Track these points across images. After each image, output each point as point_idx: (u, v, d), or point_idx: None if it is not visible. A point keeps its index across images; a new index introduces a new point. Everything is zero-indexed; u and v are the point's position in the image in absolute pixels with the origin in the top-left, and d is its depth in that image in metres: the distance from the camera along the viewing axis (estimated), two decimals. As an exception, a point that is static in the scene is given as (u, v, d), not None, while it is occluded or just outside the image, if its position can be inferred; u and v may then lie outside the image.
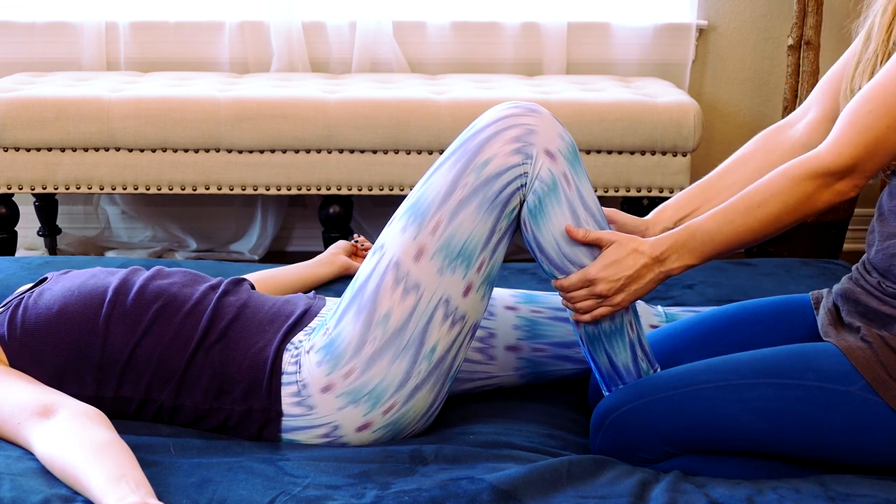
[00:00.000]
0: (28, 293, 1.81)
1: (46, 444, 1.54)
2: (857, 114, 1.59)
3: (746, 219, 1.64)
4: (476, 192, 1.66)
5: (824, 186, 1.61)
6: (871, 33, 1.71)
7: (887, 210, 1.68)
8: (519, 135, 1.66)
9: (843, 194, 1.61)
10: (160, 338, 1.73)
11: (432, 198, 1.68)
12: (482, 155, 1.66)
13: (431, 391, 1.72)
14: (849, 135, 1.59)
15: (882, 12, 1.69)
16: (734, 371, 1.65)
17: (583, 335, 1.74)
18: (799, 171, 1.61)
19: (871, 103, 1.58)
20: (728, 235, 1.65)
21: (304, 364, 1.71)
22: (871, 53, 1.69)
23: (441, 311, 1.68)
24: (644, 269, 1.66)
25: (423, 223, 1.67)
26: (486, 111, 1.72)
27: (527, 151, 1.66)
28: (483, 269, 1.70)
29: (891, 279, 1.65)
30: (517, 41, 3.92)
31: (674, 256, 1.66)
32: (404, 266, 1.67)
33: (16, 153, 3.31)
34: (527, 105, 1.70)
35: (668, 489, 1.55)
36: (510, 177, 1.66)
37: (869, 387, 1.59)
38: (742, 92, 4.00)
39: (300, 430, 1.71)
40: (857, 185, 1.61)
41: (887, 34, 1.67)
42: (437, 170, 1.70)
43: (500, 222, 1.68)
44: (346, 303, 1.71)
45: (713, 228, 1.65)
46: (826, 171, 1.60)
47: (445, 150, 1.72)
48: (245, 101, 3.32)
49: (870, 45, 1.71)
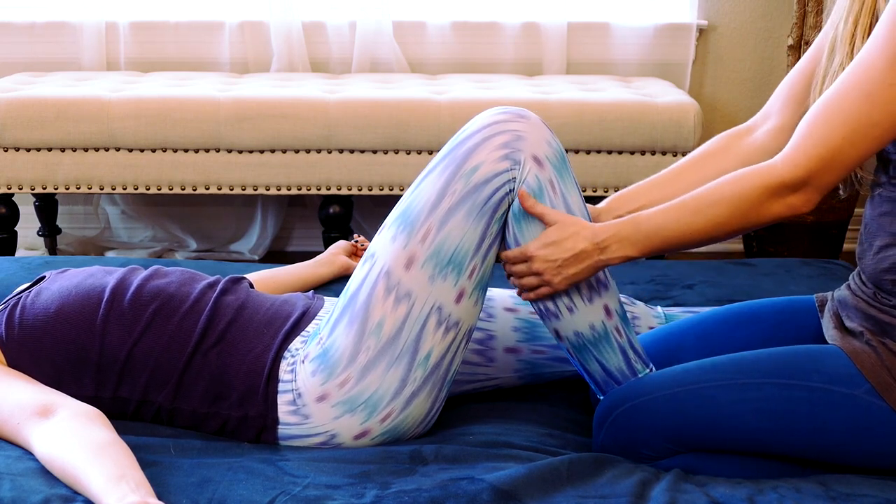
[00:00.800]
0: (26, 293, 1.81)
1: (46, 444, 1.54)
2: (813, 125, 1.56)
3: (695, 218, 1.62)
4: (465, 199, 1.66)
5: (777, 197, 1.58)
6: (836, 44, 1.69)
7: (871, 222, 1.68)
8: (507, 141, 1.66)
9: (795, 208, 1.58)
10: (158, 338, 1.73)
11: (422, 206, 1.68)
12: (470, 162, 1.66)
13: (428, 397, 1.72)
14: (804, 147, 1.56)
15: (843, 23, 1.67)
16: (739, 370, 1.65)
17: (569, 348, 1.73)
18: (753, 180, 1.59)
19: (827, 114, 1.55)
20: (673, 232, 1.63)
21: (300, 373, 1.70)
22: (837, 65, 1.67)
23: (434, 318, 1.68)
24: (582, 253, 1.64)
25: (412, 231, 1.67)
26: (475, 117, 1.71)
27: (515, 157, 1.66)
28: (475, 274, 1.70)
29: (885, 292, 1.64)
30: (517, 41, 3.92)
31: (615, 246, 1.64)
32: (395, 275, 1.67)
33: (16, 153, 3.31)
34: (515, 110, 1.70)
35: (669, 488, 1.55)
36: (499, 183, 1.66)
37: (874, 391, 1.59)
38: (742, 92, 4.00)
39: (297, 437, 1.71)
40: (810, 199, 1.58)
41: (850, 46, 1.65)
42: (426, 177, 1.70)
43: (491, 228, 1.68)
44: (338, 312, 1.71)
45: (659, 223, 1.63)
46: (780, 183, 1.57)
47: (434, 157, 1.71)
48: (245, 101, 3.32)
49: (835, 57, 1.68)
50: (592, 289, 1.70)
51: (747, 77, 3.99)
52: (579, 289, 1.69)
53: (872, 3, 1.63)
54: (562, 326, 1.71)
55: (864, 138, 1.53)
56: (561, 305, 1.69)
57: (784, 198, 1.58)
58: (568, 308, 1.70)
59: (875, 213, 1.67)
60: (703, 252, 4.05)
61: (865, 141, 1.54)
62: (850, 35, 1.65)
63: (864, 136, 1.53)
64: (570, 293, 1.69)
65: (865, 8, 1.64)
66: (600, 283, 1.70)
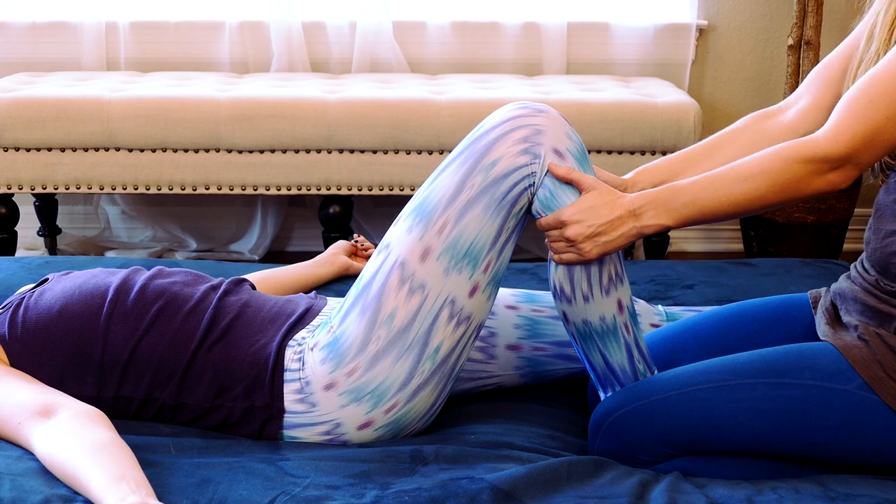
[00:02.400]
0: (29, 293, 1.81)
1: (47, 444, 1.54)
2: (856, 103, 1.58)
3: (732, 189, 1.61)
4: (483, 192, 1.66)
5: (817, 173, 1.59)
6: (874, 32, 1.70)
7: (885, 207, 1.68)
8: (527, 135, 1.66)
9: (834, 184, 1.59)
10: (161, 337, 1.74)
11: (439, 198, 1.68)
12: (490, 156, 1.66)
13: (434, 391, 1.72)
14: (847, 123, 1.57)
15: (885, 11, 1.68)
16: (732, 372, 1.65)
17: (574, 333, 1.73)
18: (794, 153, 1.59)
19: (871, 93, 1.57)
20: (709, 202, 1.62)
21: (308, 361, 1.71)
22: (874, 52, 1.69)
23: (447, 311, 1.68)
24: (618, 220, 1.63)
25: (429, 223, 1.67)
26: (495, 111, 1.71)
27: (535, 151, 1.65)
28: (490, 269, 1.70)
29: (889, 277, 1.65)
30: (517, 41, 3.92)
31: (651, 213, 1.63)
32: (410, 266, 1.67)
33: (16, 153, 3.31)
34: (534, 105, 1.70)
35: (668, 489, 1.55)
36: (518, 177, 1.66)
37: (866, 385, 1.59)
38: (742, 92, 4.00)
39: (302, 427, 1.72)
40: (849, 175, 1.59)
41: (889, 33, 1.67)
42: (444, 170, 1.70)
43: (508, 222, 1.68)
44: (350, 301, 1.71)
45: (696, 192, 1.63)
46: (821, 158, 1.58)
47: (452, 151, 1.71)
48: (245, 101, 3.32)
49: (872, 43, 1.70)
50: (612, 280, 1.69)
51: (747, 77, 3.99)
52: (600, 278, 1.68)
53: None
54: (572, 312, 1.71)
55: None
56: (578, 292, 1.69)
57: (824, 174, 1.59)
58: (584, 297, 1.69)
59: (889, 198, 1.67)
60: (703, 252, 4.05)
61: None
62: (891, 23, 1.66)
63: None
64: (591, 282, 1.68)
65: None
66: (618, 277, 1.70)
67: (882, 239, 1.67)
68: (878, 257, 1.67)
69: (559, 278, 1.69)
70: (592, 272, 1.68)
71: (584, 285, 1.68)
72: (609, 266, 1.69)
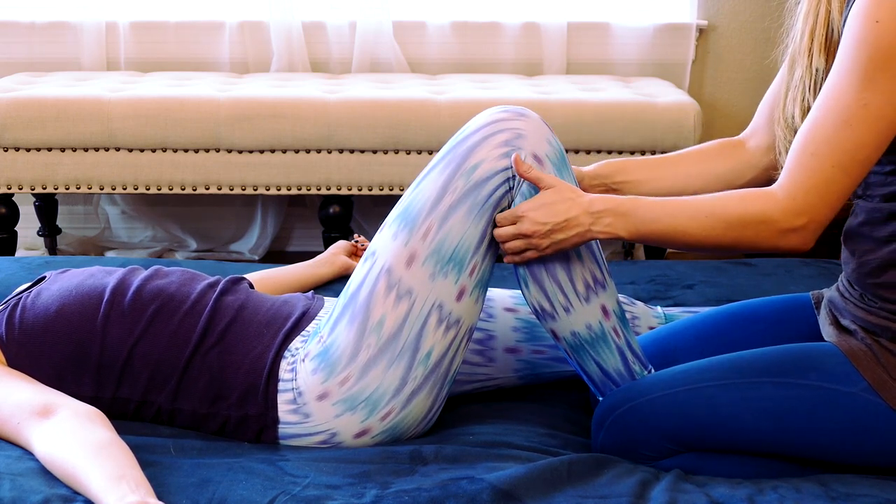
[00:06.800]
0: (26, 293, 1.81)
1: (46, 444, 1.54)
2: (802, 155, 1.56)
3: (690, 221, 1.60)
4: (465, 196, 1.66)
5: (776, 234, 1.58)
6: (795, 59, 1.70)
7: (854, 232, 1.69)
8: (508, 139, 1.66)
9: (794, 246, 1.58)
10: (158, 338, 1.73)
11: (422, 203, 1.68)
12: (471, 160, 1.66)
13: (429, 396, 1.72)
14: (800, 179, 1.56)
15: (800, 37, 1.68)
16: (736, 370, 1.65)
17: (566, 348, 1.73)
18: (755, 206, 1.58)
19: (812, 145, 1.55)
20: (666, 228, 1.61)
21: (300, 372, 1.70)
22: (798, 79, 1.68)
23: (435, 316, 1.68)
24: (573, 220, 1.62)
25: (413, 229, 1.67)
26: (476, 116, 1.72)
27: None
28: (476, 272, 1.70)
29: (872, 296, 1.65)
30: (517, 41, 3.92)
31: (608, 220, 1.62)
32: (396, 272, 1.67)
33: (16, 153, 3.31)
34: (516, 109, 1.70)
35: (669, 488, 1.55)
36: (499, 180, 1.66)
37: (871, 388, 1.59)
38: (742, 92, 4.00)
39: (297, 437, 1.71)
40: (807, 241, 1.58)
41: (808, 59, 1.66)
42: (427, 175, 1.70)
43: (491, 226, 1.68)
44: (339, 310, 1.71)
45: (657, 213, 1.62)
46: (780, 218, 1.56)
47: (435, 156, 1.71)
48: (245, 101, 3.32)
49: (795, 70, 1.69)
50: (589, 288, 1.69)
51: (747, 77, 3.99)
52: (574, 287, 1.68)
53: (826, 17, 1.64)
54: (558, 327, 1.71)
55: (853, 162, 1.54)
56: (557, 305, 1.69)
57: (784, 236, 1.58)
58: (564, 308, 1.69)
59: (854, 222, 1.68)
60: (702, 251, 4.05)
61: (855, 165, 1.54)
62: (808, 49, 1.66)
63: (853, 160, 1.54)
64: (565, 292, 1.68)
65: (819, 22, 1.64)
66: (598, 283, 1.70)
67: (856, 260, 1.67)
68: (856, 278, 1.68)
69: (535, 298, 1.70)
70: (563, 281, 1.68)
71: (560, 297, 1.69)
72: (583, 273, 1.69)
